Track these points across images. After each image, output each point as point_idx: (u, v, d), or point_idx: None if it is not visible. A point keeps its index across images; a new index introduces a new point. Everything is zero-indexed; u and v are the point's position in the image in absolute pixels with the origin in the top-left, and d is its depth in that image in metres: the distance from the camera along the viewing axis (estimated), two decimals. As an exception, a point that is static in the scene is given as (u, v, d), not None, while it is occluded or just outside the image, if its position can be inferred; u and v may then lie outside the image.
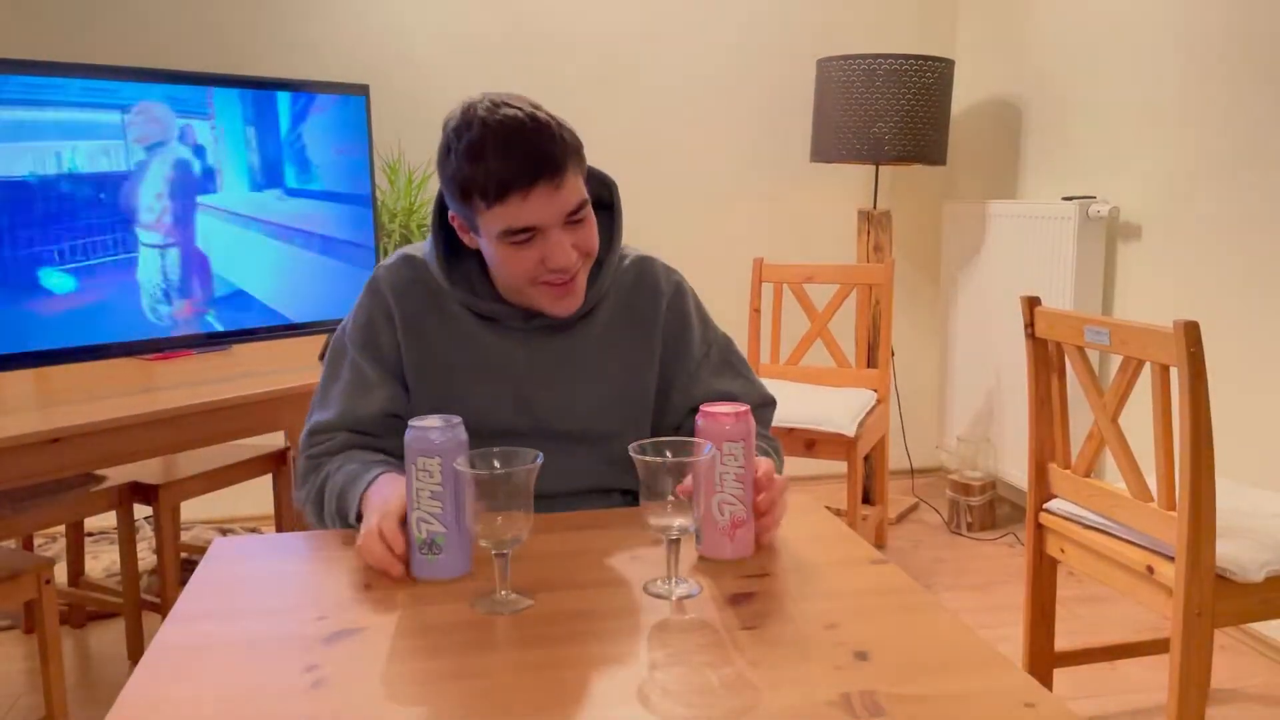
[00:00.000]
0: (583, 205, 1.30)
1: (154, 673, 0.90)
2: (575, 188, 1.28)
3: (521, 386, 1.39)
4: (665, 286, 1.46)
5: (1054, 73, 3.24)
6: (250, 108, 2.25)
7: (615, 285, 1.44)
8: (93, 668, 2.51)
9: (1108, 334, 1.84)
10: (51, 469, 1.91)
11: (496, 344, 1.39)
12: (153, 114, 2.11)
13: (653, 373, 1.45)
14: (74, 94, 2.00)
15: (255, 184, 2.28)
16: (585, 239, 1.32)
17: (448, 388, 1.38)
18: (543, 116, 1.27)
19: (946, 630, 0.97)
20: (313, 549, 1.22)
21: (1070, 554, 2.02)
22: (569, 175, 1.27)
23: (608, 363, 1.42)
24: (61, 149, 1.99)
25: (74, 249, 2.02)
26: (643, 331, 1.44)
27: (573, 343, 1.41)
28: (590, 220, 1.32)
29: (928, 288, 3.85)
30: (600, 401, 1.41)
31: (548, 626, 0.99)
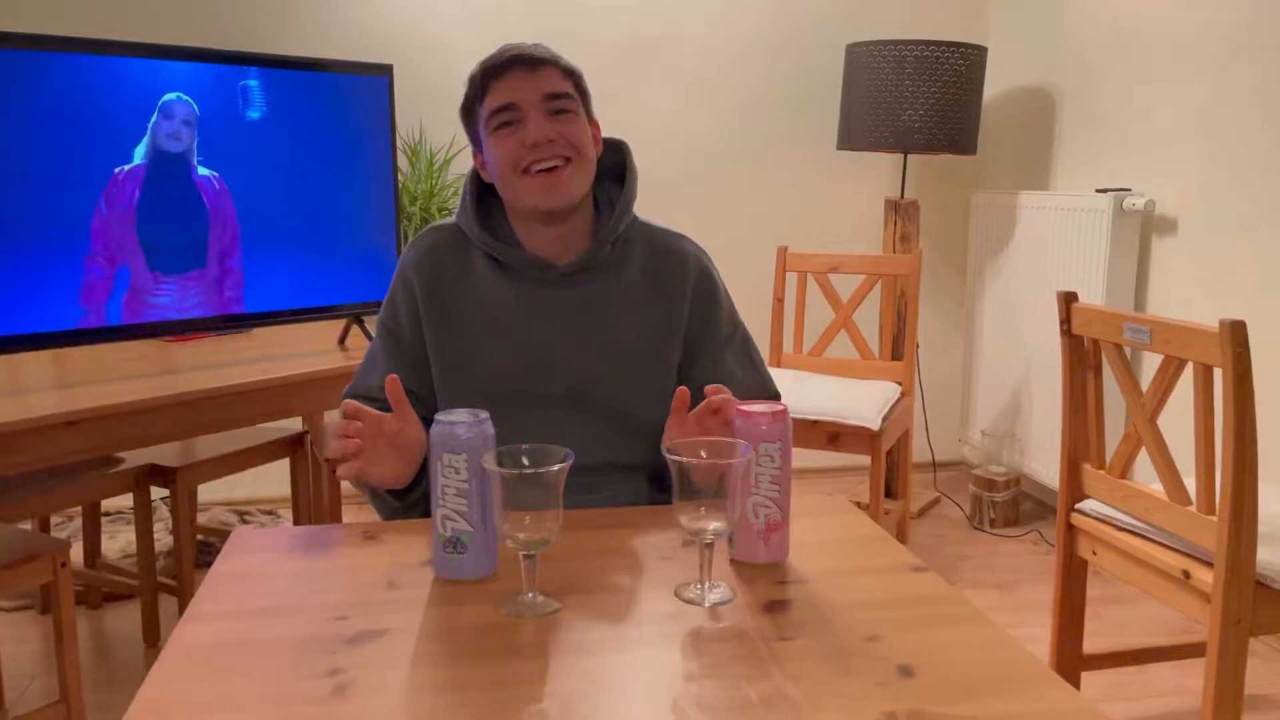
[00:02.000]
0: (565, 97, 1.36)
1: (170, 675, 0.87)
2: (558, 80, 1.36)
3: (541, 343, 1.39)
4: (693, 263, 1.47)
5: (1089, 61, 3.16)
6: (272, 88, 2.21)
7: (643, 251, 1.45)
8: (108, 649, 2.49)
9: (1148, 332, 1.78)
10: (68, 452, 1.89)
11: (517, 296, 1.40)
12: (174, 92, 2.07)
13: (676, 343, 1.43)
14: (93, 72, 1.96)
15: (276, 165, 2.24)
16: (570, 130, 1.36)
17: (469, 348, 1.40)
18: (543, 48, 1.38)
19: (994, 645, 0.93)
20: (334, 543, 1.19)
21: (1102, 556, 1.97)
22: (548, 68, 1.36)
23: (631, 323, 1.41)
24: (81, 126, 1.96)
25: (94, 228, 1.99)
26: (670, 298, 1.43)
27: (593, 296, 1.41)
28: (578, 121, 1.37)
29: (954, 279, 3.79)
30: (621, 361, 1.40)
31: (576, 632, 0.96)
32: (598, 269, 1.42)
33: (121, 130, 2.01)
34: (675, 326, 1.43)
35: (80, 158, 1.97)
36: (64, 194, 1.95)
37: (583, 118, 1.40)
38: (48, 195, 1.94)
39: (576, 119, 1.38)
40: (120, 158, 2.01)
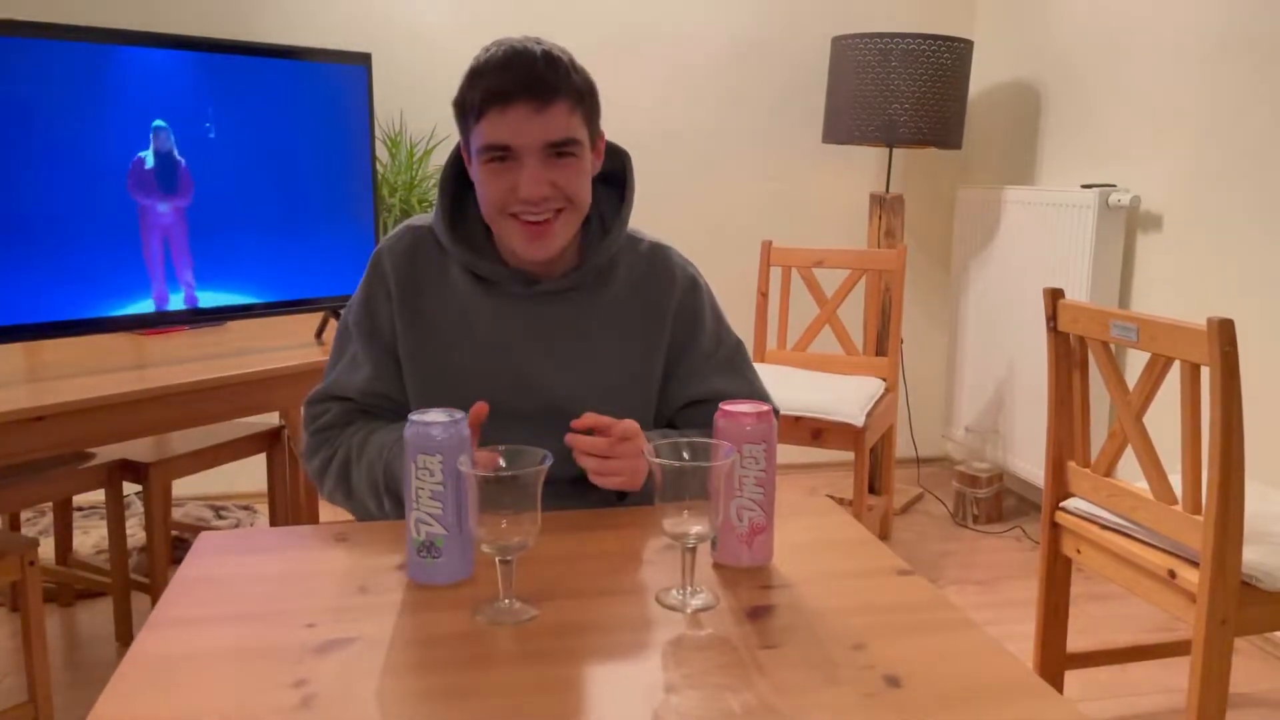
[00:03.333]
0: (570, 143, 1.24)
1: (130, 687, 0.84)
2: (564, 121, 1.23)
3: (520, 359, 1.34)
4: (681, 277, 1.41)
5: (1076, 55, 3.15)
6: (248, 76, 2.16)
7: (628, 266, 1.39)
8: (80, 648, 2.45)
9: (1136, 330, 1.77)
10: (39, 447, 1.84)
11: (496, 311, 1.34)
12: (146, 80, 2.02)
13: (659, 361, 1.39)
14: (62, 58, 1.91)
15: (252, 155, 2.20)
16: (567, 180, 1.25)
17: (445, 361, 1.34)
18: (555, 52, 1.24)
19: (983, 653, 0.91)
20: (304, 545, 1.16)
21: (1087, 554, 1.96)
22: (558, 104, 1.22)
23: (612, 342, 1.36)
24: (50, 114, 1.91)
25: (65, 219, 1.94)
26: (653, 316, 1.38)
27: (576, 314, 1.35)
28: (578, 165, 1.26)
29: (939, 274, 3.78)
30: (601, 381, 1.35)
31: (554, 640, 0.93)
32: (581, 284, 1.36)
33: (93, 118, 1.96)
34: (658, 343, 1.38)
35: (55, 147, 1.92)
36: (35, 184, 1.90)
37: (585, 159, 1.28)
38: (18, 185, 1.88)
39: (578, 163, 1.26)
40: (93, 147, 1.96)
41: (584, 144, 1.27)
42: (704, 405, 1.39)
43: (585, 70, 1.28)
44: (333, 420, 1.39)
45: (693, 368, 1.40)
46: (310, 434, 1.40)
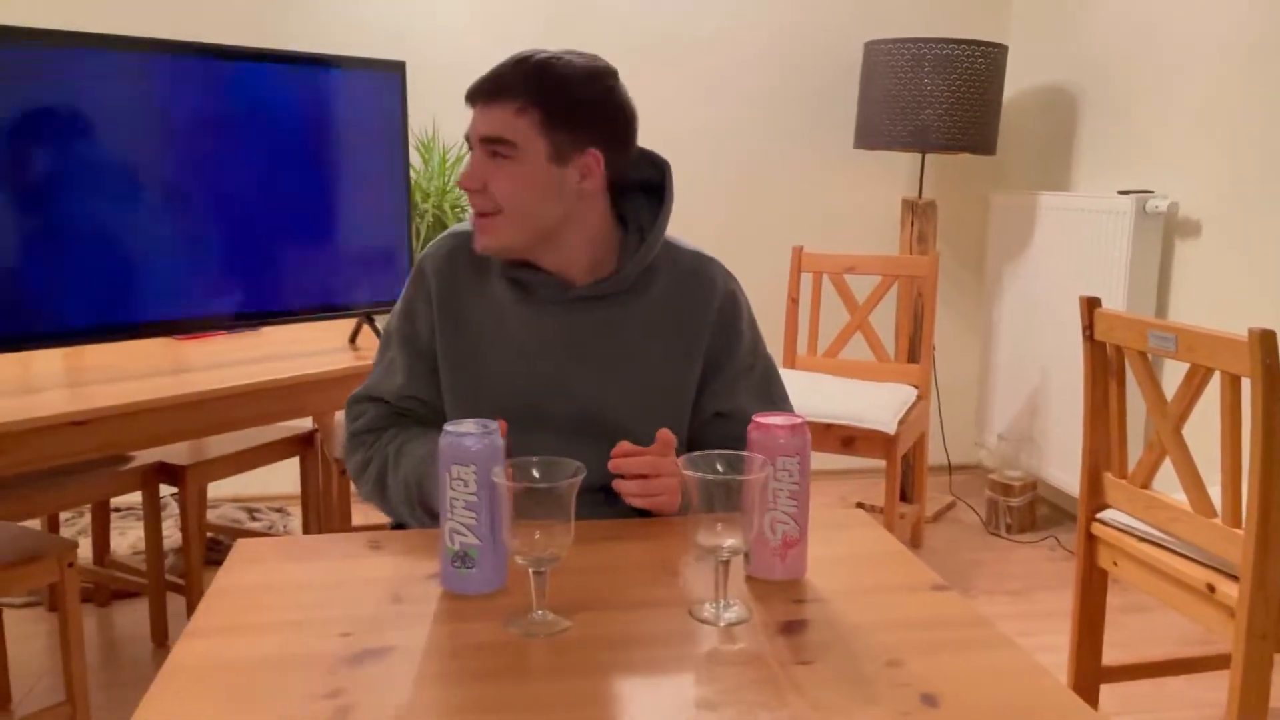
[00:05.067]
0: (499, 141, 1.26)
1: (168, 696, 0.85)
2: (502, 119, 1.26)
3: (553, 366, 1.34)
4: (720, 289, 1.40)
5: (1112, 60, 3.11)
6: (284, 85, 2.18)
7: (667, 275, 1.38)
8: (116, 648, 2.48)
9: (1174, 340, 1.74)
10: (78, 451, 1.87)
11: (531, 317, 1.35)
12: (185, 89, 2.05)
13: (694, 372, 1.38)
14: (105, 67, 1.94)
15: (288, 162, 2.22)
16: (496, 180, 1.28)
17: (481, 366, 1.36)
18: (545, 59, 1.28)
19: (1021, 672, 0.90)
20: (339, 554, 1.17)
21: (1123, 567, 1.93)
22: (503, 103, 1.26)
23: (647, 350, 1.36)
24: (88, 122, 1.93)
25: (105, 226, 1.97)
26: (690, 327, 1.37)
27: (610, 321, 1.35)
28: (510, 169, 1.27)
29: (971, 281, 3.74)
30: (635, 389, 1.35)
31: (586, 652, 0.93)
32: (616, 291, 1.36)
33: (130, 126, 1.99)
34: (694, 355, 1.38)
35: (94, 154, 1.94)
36: (75, 191, 1.93)
37: (524, 164, 1.27)
38: (61, 193, 1.91)
39: (510, 166, 1.27)
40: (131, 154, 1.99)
41: (521, 147, 1.26)
42: (727, 420, 1.38)
43: (588, 86, 1.28)
44: (369, 424, 1.42)
45: (725, 382, 1.39)
46: (349, 434, 1.44)
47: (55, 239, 1.92)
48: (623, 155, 1.35)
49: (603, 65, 1.33)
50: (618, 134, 1.33)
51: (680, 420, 1.38)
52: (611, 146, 1.32)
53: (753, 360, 1.42)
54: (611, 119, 1.32)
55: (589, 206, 1.34)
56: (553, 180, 1.29)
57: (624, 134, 1.34)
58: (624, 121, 1.34)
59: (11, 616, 2.53)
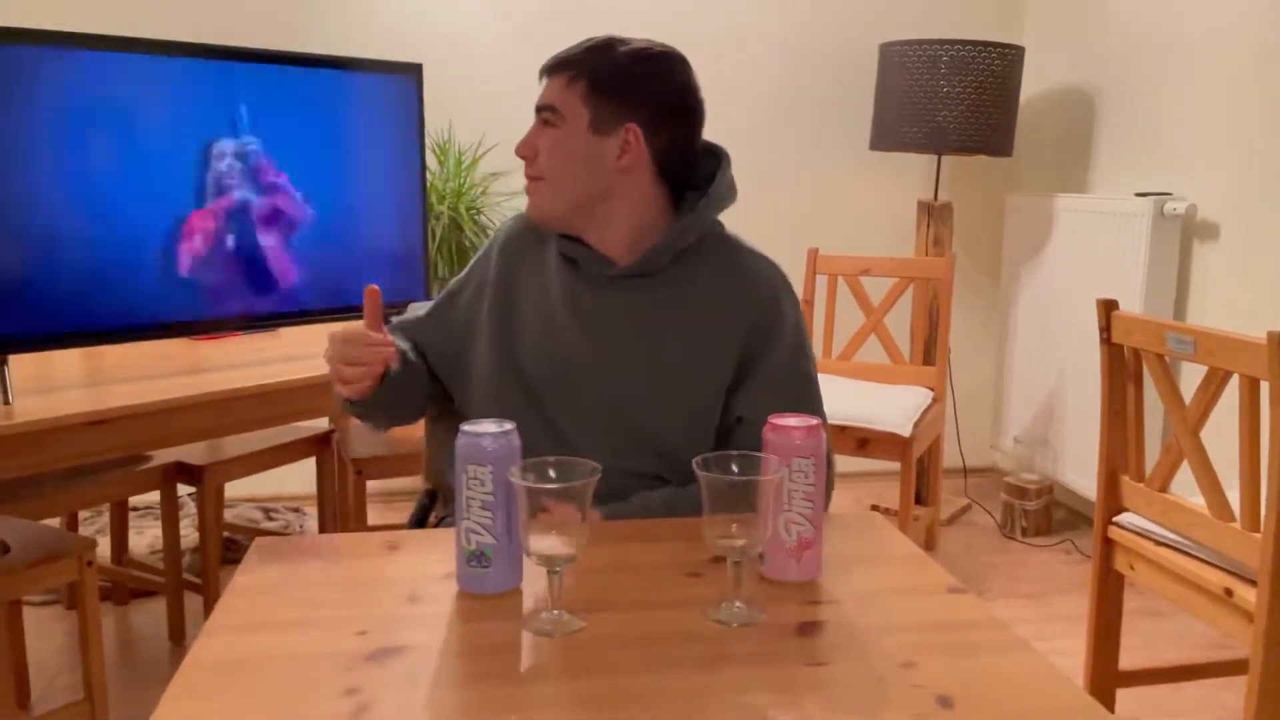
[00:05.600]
0: (546, 109, 1.34)
1: (188, 692, 0.86)
2: (555, 89, 1.33)
3: (585, 344, 1.36)
4: (767, 290, 1.39)
5: (1130, 61, 3.10)
6: (300, 87, 2.20)
7: (715, 268, 1.38)
8: (134, 646, 2.50)
9: (1192, 343, 1.73)
10: (98, 450, 1.88)
11: (576, 293, 1.38)
12: (200, 91, 2.06)
13: (723, 370, 1.36)
14: (118, 70, 1.96)
15: (304, 164, 2.23)
16: (542, 145, 1.34)
17: (522, 335, 1.40)
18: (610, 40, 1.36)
19: (1037, 675, 0.90)
20: (356, 553, 1.17)
21: (1140, 571, 1.93)
22: (559, 74, 1.34)
23: (680, 339, 1.35)
24: (104, 124, 1.95)
25: (121, 227, 1.99)
26: (727, 321, 1.36)
27: (648, 302, 1.36)
28: (554, 135, 1.33)
29: (987, 283, 3.73)
30: (659, 376, 1.35)
31: (601, 653, 0.93)
32: (661, 277, 1.36)
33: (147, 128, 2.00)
34: (727, 351, 1.35)
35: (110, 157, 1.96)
36: (93, 193, 1.95)
37: (567, 132, 1.33)
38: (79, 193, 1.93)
39: (554, 133, 1.33)
40: (146, 157, 2.00)
41: (564, 115, 1.32)
42: (747, 427, 1.35)
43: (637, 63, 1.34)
44: None
45: (753, 387, 1.36)
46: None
47: (74, 239, 1.93)
48: (665, 136, 1.35)
49: (664, 51, 1.38)
50: (660, 114, 1.34)
51: (704, 414, 1.36)
52: (653, 125, 1.34)
53: (789, 373, 1.38)
54: (655, 97, 1.34)
55: (630, 183, 1.35)
56: (591, 149, 1.33)
57: (667, 115, 1.35)
58: (669, 103, 1.36)
59: (30, 614, 2.56)
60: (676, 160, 1.38)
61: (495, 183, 3.35)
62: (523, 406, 1.36)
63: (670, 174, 1.38)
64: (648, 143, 1.34)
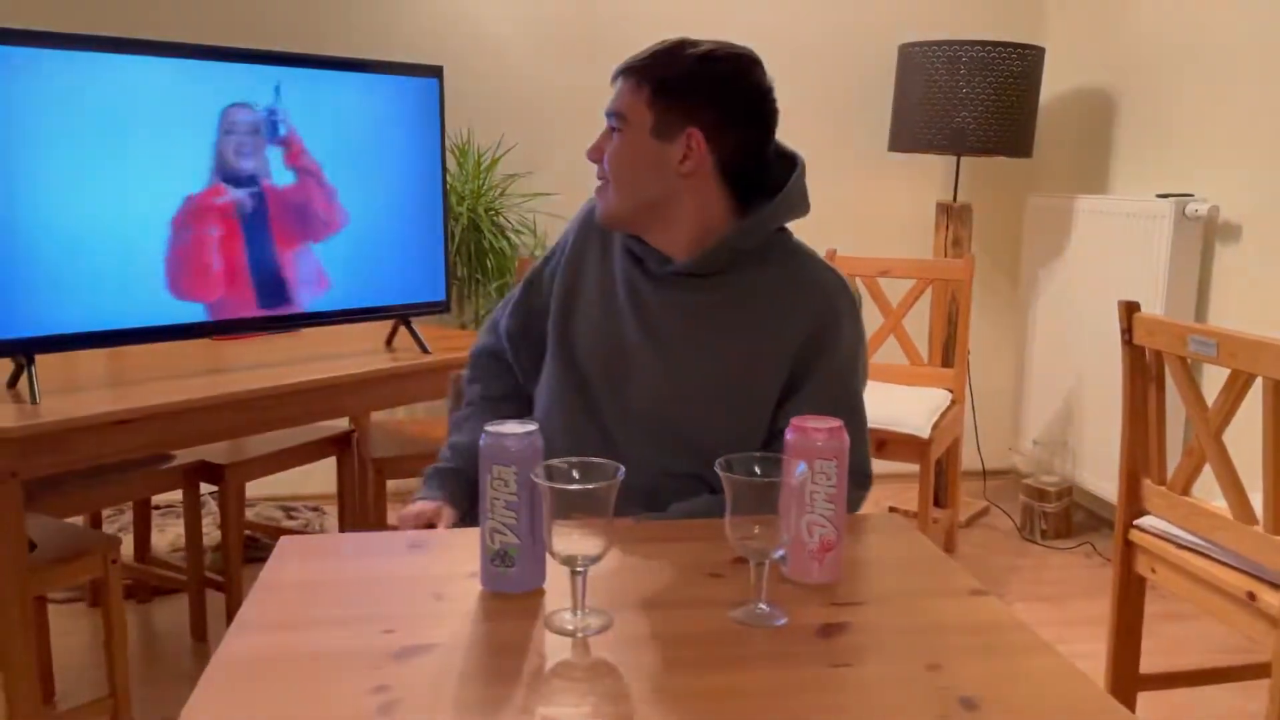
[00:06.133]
0: (613, 115, 1.35)
1: (218, 688, 0.87)
2: (621, 95, 1.35)
3: (635, 339, 1.37)
4: (825, 302, 1.35)
5: (1151, 61, 3.08)
6: (322, 89, 2.21)
7: (776, 274, 1.36)
8: (156, 643, 2.52)
9: (1215, 345, 1.72)
10: (122, 449, 1.90)
11: (636, 287, 1.39)
12: (222, 95, 2.08)
13: (772, 378, 1.34)
14: (143, 72, 1.98)
15: (327, 165, 2.24)
16: (610, 151, 1.36)
17: (580, 320, 1.43)
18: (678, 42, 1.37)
19: (1060, 677, 0.90)
20: (380, 552, 1.18)
21: (1162, 574, 1.92)
22: (625, 80, 1.35)
23: (728, 345, 1.34)
24: (130, 126, 1.97)
25: (145, 229, 2.01)
26: (779, 332, 1.34)
27: (703, 303, 1.36)
28: (620, 140, 1.35)
29: (1006, 285, 3.72)
30: (703, 381, 1.35)
31: (624, 652, 0.94)
32: (721, 278, 1.35)
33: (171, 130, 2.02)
34: (777, 359, 1.33)
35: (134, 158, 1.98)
36: (116, 195, 1.97)
37: (631, 138, 1.34)
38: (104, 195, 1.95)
39: (620, 138, 1.35)
40: (174, 162, 2.02)
41: (629, 120, 1.34)
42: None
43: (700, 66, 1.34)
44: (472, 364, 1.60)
45: (799, 400, 1.33)
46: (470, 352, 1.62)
47: (98, 241, 1.95)
48: (730, 141, 1.34)
49: (732, 53, 1.37)
50: (725, 118, 1.33)
51: (749, 419, 1.35)
52: (717, 129, 1.33)
53: (837, 391, 1.35)
54: (719, 102, 1.33)
55: (694, 187, 1.35)
56: (654, 154, 1.33)
57: (732, 119, 1.34)
58: (734, 106, 1.34)
59: (54, 611, 2.58)
60: (742, 164, 1.36)
61: (514, 184, 3.36)
62: (573, 391, 1.41)
63: (736, 178, 1.36)
64: (711, 147, 1.33)
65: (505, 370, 1.57)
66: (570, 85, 3.32)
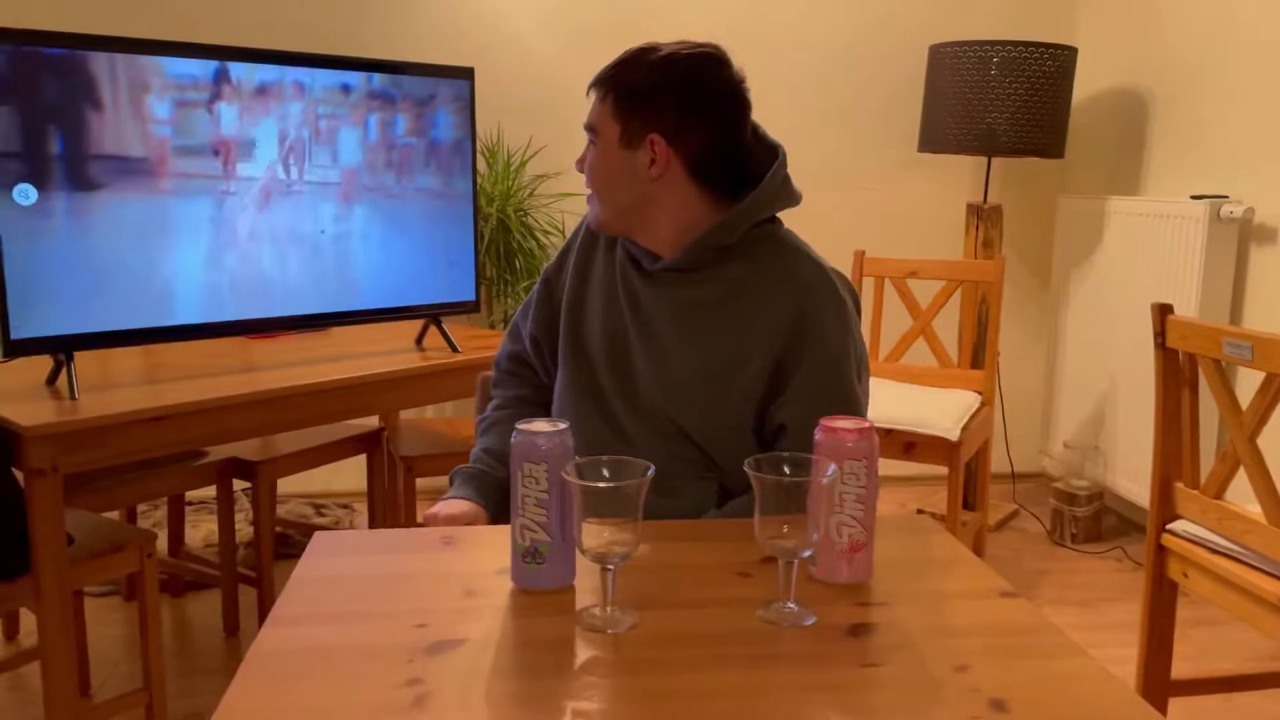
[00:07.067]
0: (588, 128, 1.38)
1: (256, 680, 0.88)
2: (594, 110, 1.38)
3: (626, 335, 1.41)
4: (808, 295, 1.35)
5: (1185, 61, 3.05)
6: (355, 91, 2.24)
7: (760, 269, 1.37)
8: (189, 637, 2.56)
9: (1250, 348, 1.71)
10: (159, 445, 1.93)
11: (632, 286, 1.42)
12: (259, 96, 2.11)
13: (753, 372, 1.34)
14: (181, 73, 2.01)
15: (359, 166, 2.27)
16: (592, 162, 1.39)
17: (584, 318, 1.46)
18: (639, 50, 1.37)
19: (1091, 679, 0.89)
20: (412, 548, 1.20)
21: (1194, 579, 1.90)
22: (596, 95, 1.38)
23: (710, 339, 1.36)
24: (166, 128, 2.00)
25: (182, 228, 2.04)
26: (760, 325, 1.34)
27: (686, 300, 1.38)
28: (594, 152, 1.38)
29: (1037, 286, 3.69)
30: (685, 375, 1.37)
31: (653, 650, 0.95)
32: (706, 273, 1.37)
33: (206, 131, 2.05)
34: (759, 353, 1.34)
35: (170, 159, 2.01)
36: (155, 195, 2.00)
37: (604, 149, 1.37)
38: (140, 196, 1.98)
39: (594, 150, 1.39)
40: (204, 160, 2.05)
41: (600, 133, 1.37)
42: (787, 435, 1.34)
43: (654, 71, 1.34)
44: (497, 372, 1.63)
45: (791, 395, 1.34)
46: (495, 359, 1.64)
47: (133, 242, 1.99)
48: (694, 140, 1.34)
49: (690, 53, 1.36)
50: (684, 118, 1.34)
51: (735, 409, 1.35)
52: (676, 131, 1.34)
53: (827, 387, 1.34)
54: (677, 104, 1.34)
55: (667, 189, 1.36)
56: (624, 163, 1.36)
57: (691, 119, 1.34)
58: (693, 107, 1.34)
59: (90, 604, 2.62)
60: (712, 160, 1.36)
61: (542, 184, 3.38)
62: (584, 386, 1.44)
63: (709, 175, 1.37)
64: (675, 149, 1.34)
65: (531, 374, 1.60)
66: (599, 86, 3.33)
